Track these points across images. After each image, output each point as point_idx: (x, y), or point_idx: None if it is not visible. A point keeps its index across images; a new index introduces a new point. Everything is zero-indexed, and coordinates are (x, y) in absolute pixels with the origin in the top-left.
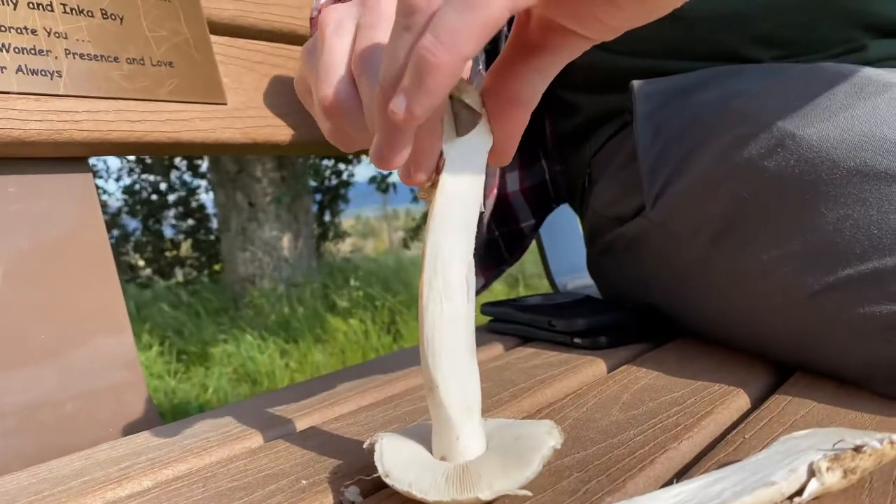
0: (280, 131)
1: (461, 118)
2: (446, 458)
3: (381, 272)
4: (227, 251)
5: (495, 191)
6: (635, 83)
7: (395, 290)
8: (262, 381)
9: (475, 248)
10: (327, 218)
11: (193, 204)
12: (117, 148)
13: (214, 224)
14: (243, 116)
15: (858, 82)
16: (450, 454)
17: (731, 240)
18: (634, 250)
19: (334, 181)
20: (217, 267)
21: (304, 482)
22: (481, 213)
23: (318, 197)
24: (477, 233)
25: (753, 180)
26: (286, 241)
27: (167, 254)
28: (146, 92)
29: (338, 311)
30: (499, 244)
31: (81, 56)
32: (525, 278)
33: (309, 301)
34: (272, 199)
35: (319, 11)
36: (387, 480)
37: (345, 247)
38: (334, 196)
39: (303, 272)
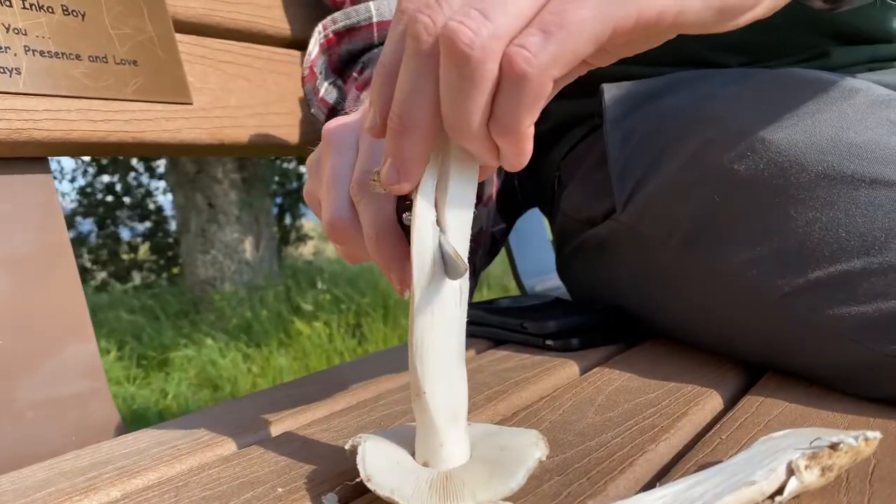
0: (247, 132)
1: None
2: (429, 464)
3: (346, 274)
4: (187, 254)
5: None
6: (605, 87)
7: (361, 292)
8: (224, 387)
9: None
10: (288, 221)
11: (151, 206)
12: (79, 148)
13: (173, 226)
14: (210, 117)
15: (825, 88)
16: (433, 460)
17: (701, 242)
18: (605, 253)
19: (296, 184)
20: (176, 270)
21: (280, 490)
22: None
23: (280, 200)
24: None
25: (724, 184)
26: (247, 243)
27: (124, 257)
28: (109, 91)
29: (302, 315)
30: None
31: (41, 53)
32: (489, 280)
33: (272, 304)
34: (237, 202)
35: (311, 70)
36: (368, 485)
37: (306, 250)
38: (296, 199)
39: (265, 275)
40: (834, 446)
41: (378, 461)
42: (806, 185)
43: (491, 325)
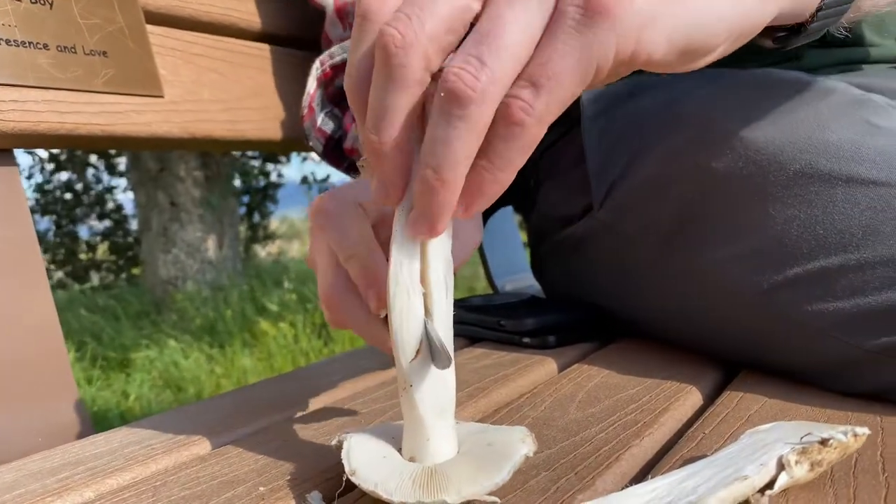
0: (219, 126)
1: None
2: (416, 459)
3: (313, 274)
4: (148, 253)
5: None
6: None
7: None
8: (188, 388)
9: None
10: (256, 219)
11: (111, 204)
12: (46, 140)
13: (133, 225)
14: (181, 110)
15: (802, 88)
16: (419, 455)
17: (681, 240)
18: (582, 251)
19: (262, 182)
20: (136, 270)
21: (262, 489)
22: None
23: (246, 199)
24: None
25: (702, 182)
26: (210, 242)
27: (82, 256)
28: (78, 82)
29: (267, 315)
30: None
31: (7, 42)
32: (457, 280)
33: (236, 304)
34: (200, 201)
35: (310, 107)
36: (353, 479)
37: (272, 249)
38: (263, 197)
39: (228, 274)
40: (824, 442)
41: (363, 456)
42: (784, 183)
43: (467, 323)
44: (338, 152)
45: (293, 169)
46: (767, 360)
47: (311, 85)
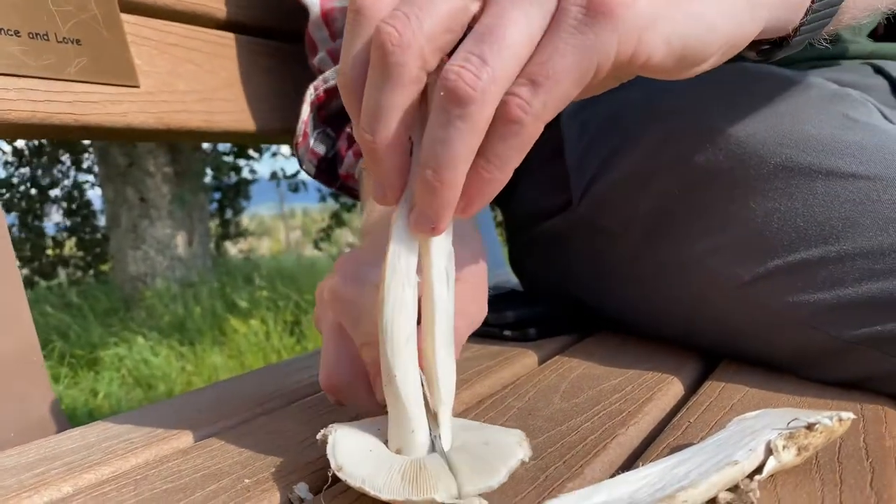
0: (196, 117)
1: None
2: (402, 452)
3: (284, 271)
4: (117, 249)
5: None
6: None
7: (300, 289)
8: (158, 385)
9: None
10: (227, 216)
11: (78, 200)
12: (18, 130)
13: (102, 221)
14: (157, 101)
15: (781, 82)
16: (406, 448)
17: (661, 234)
18: (561, 245)
19: (234, 178)
20: (105, 266)
21: (247, 481)
22: None
23: (217, 195)
24: None
25: (683, 175)
26: (180, 239)
27: (48, 252)
28: (51, 70)
29: (238, 312)
30: None
31: None
32: None
33: (206, 301)
34: (170, 197)
35: (305, 133)
36: (339, 475)
37: (243, 246)
38: (235, 193)
39: (198, 271)
40: (810, 427)
41: (349, 450)
42: (765, 176)
43: None
44: (330, 173)
45: (265, 165)
46: (748, 351)
47: (305, 111)
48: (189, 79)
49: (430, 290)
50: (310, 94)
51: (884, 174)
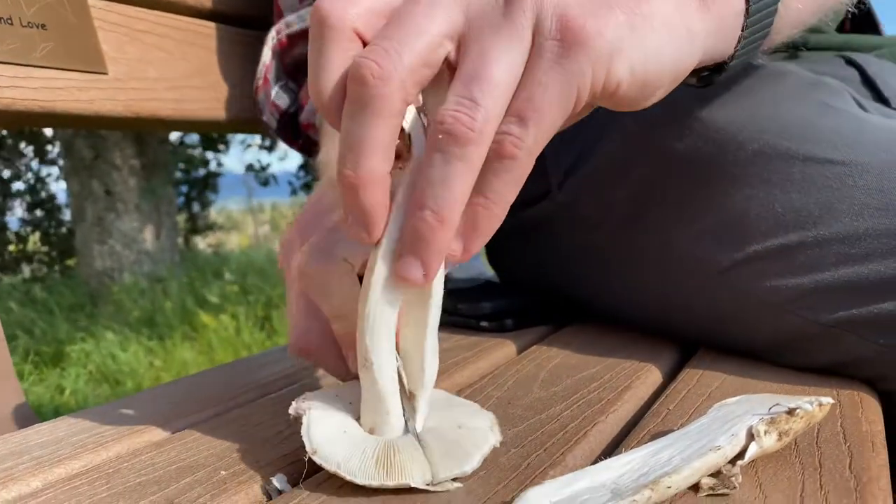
0: (165, 105)
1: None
2: (375, 432)
3: (254, 264)
4: (82, 244)
5: None
6: None
7: (271, 283)
8: (126, 381)
9: None
10: (195, 209)
11: (42, 193)
12: None
13: (67, 215)
14: (126, 88)
15: (759, 70)
16: (379, 428)
17: (640, 220)
18: (540, 233)
19: (202, 171)
20: (70, 261)
21: (223, 473)
22: None
23: (185, 188)
24: None
25: (662, 162)
26: (148, 233)
27: (11, 248)
28: (15, 55)
29: (207, 307)
30: None
31: None
32: None
33: (175, 296)
34: (137, 190)
35: (265, 78)
36: (314, 458)
37: (212, 240)
38: (203, 186)
39: (167, 266)
40: (791, 412)
41: (323, 431)
42: (743, 162)
43: None
44: (292, 128)
45: (234, 158)
46: (727, 337)
47: (267, 55)
48: (159, 66)
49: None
50: (272, 38)
51: (859, 160)
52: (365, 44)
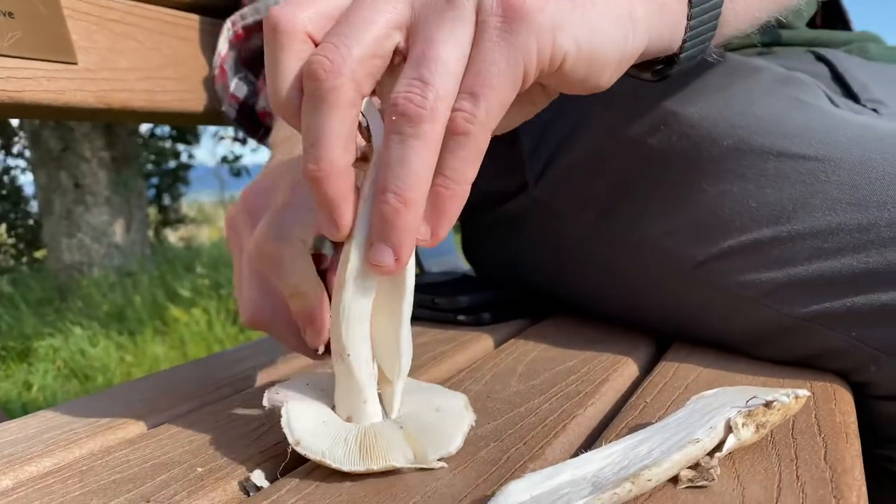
0: (137, 97)
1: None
2: (352, 420)
3: (226, 258)
4: (50, 237)
5: None
6: None
7: None
8: (96, 377)
9: None
10: (166, 202)
11: (9, 185)
12: None
13: (34, 208)
14: (96, 78)
15: (732, 66)
16: (357, 416)
17: (617, 215)
18: (517, 228)
19: (173, 163)
20: (38, 254)
21: (199, 469)
22: None
23: (155, 181)
24: None
25: (637, 157)
26: (118, 226)
27: None
28: None
29: (179, 301)
30: None
31: None
32: None
33: (146, 290)
34: (107, 183)
35: (222, 68)
36: (298, 449)
37: (183, 233)
38: (174, 179)
39: (137, 259)
40: (768, 404)
41: (304, 423)
42: (717, 157)
43: None
44: (252, 119)
45: (205, 150)
46: (702, 331)
47: (223, 46)
48: (130, 56)
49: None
50: (227, 30)
51: (832, 155)
52: (317, 45)
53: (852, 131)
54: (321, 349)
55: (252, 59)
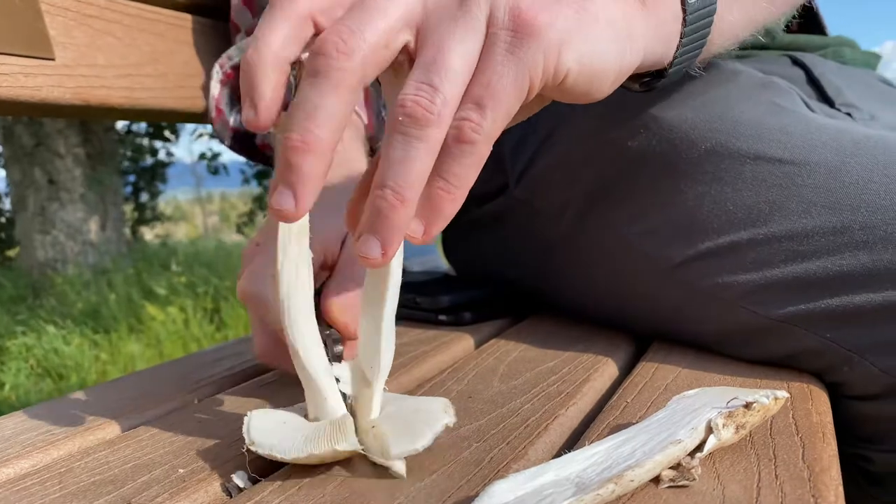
0: (116, 93)
1: None
2: (319, 418)
3: (202, 256)
4: (23, 234)
5: None
6: None
7: (219, 275)
8: (69, 376)
9: None
10: (143, 199)
11: None
12: None
13: (7, 204)
14: (74, 75)
15: (711, 69)
16: (321, 414)
17: (596, 216)
18: (497, 228)
19: (150, 160)
20: (11, 252)
21: (181, 471)
22: None
23: (132, 178)
24: None
25: (616, 159)
26: (93, 223)
27: None
28: None
29: (154, 299)
30: None
31: None
32: None
33: (121, 288)
34: (81, 179)
35: (217, 108)
36: (252, 448)
37: (157, 231)
38: (151, 176)
39: (112, 257)
40: (748, 405)
41: (261, 425)
42: (696, 160)
43: None
44: (252, 149)
45: (182, 148)
46: (680, 331)
47: (215, 88)
48: (109, 52)
49: (307, 265)
50: (216, 72)
51: (808, 159)
52: (317, 31)
53: (828, 136)
54: None
55: None
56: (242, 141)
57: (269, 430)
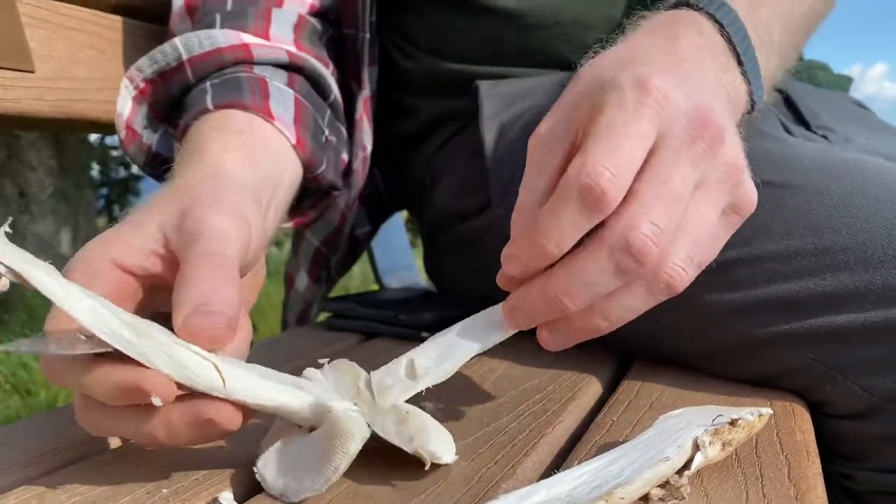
0: (96, 107)
1: None
2: (309, 426)
3: None
4: None
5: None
6: (480, 84)
7: None
8: (39, 392)
9: (308, 258)
10: (116, 213)
11: None
12: None
13: None
14: (55, 88)
15: None
16: (299, 419)
17: None
18: (480, 246)
19: (123, 173)
20: None
21: (165, 490)
22: None
23: (105, 191)
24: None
25: None
26: (64, 236)
27: None
28: None
29: None
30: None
31: None
32: None
33: None
34: (53, 192)
35: (129, 129)
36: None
37: None
38: (124, 189)
39: None
40: (734, 422)
41: (274, 474)
42: None
43: (363, 318)
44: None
45: None
46: (664, 349)
47: (125, 106)
48: (90, 66)
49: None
50: (125, 89)
51: (791, 182)
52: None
53: (809, 159)
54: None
55: (168, 111)
56: (164, 164)
57: (284, 471)
